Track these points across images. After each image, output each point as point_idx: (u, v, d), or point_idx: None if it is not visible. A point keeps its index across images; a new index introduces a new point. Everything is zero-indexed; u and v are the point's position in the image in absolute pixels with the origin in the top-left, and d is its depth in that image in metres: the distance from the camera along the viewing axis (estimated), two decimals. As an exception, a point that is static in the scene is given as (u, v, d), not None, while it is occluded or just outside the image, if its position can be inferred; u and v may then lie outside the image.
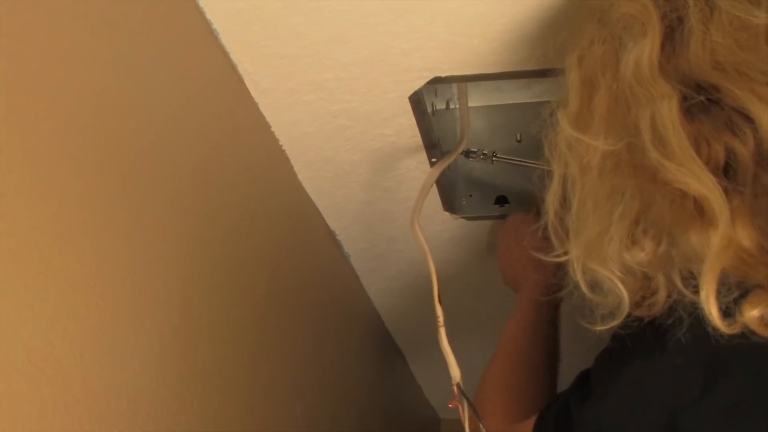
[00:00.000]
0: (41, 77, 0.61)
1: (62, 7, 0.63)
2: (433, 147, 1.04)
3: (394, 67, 0.88)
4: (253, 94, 0.95)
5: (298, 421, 1.16)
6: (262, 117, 0.99)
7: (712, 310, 0.56)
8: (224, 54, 0.87)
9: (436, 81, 0.90)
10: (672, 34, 0.59)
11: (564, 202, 0.69)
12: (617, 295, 0.65)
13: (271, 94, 0.95)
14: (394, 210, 1.21)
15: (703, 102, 0.57)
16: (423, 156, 1.06)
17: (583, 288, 0.67)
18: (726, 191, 0.55)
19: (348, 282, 1.46)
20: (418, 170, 1.10)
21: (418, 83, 0.91)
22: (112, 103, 0.71)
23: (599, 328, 0.67)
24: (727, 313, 0.56)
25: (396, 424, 1.91)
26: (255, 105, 0.96)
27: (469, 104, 1.10)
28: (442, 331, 0.86)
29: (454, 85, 1.11)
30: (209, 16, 0.83)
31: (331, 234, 1.30)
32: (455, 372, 0.85)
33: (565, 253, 0.68)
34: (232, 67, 0.90)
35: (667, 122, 0.57)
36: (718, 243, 0.55)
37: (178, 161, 0.82)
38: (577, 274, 0.67)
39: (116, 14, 0.71)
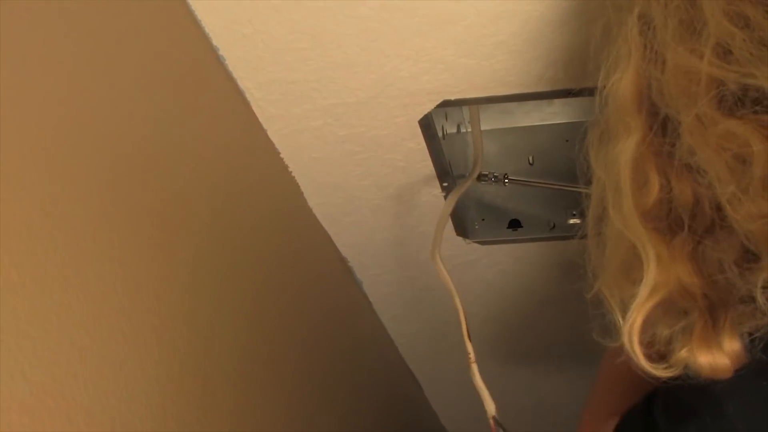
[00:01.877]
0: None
1: (65, 35, 0.63)
2: (444, 171, 1.03)
3: (403, 91, 0.88)
4: (261, 120, 0.94)
5: (311, 452, 1.14)
6: (270, 143, 0.98)
7: (635, 346, 0.57)
8: (231, 80, 0.87)
9: (445, 104, 0.89)
10: (648, 61, 0.58)
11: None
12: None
13: (278, 121, 0.94)
14: (405, 236, 1.20)
15: (673, 141, 0.57)
16: (434, 181, 1.05)
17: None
18: (681, 232, 0.56)
19: (361, 309, 1.44)
20: (429, 195, 1.09)
21: (428, 107, 0.90)
22: (119, 134, 0.70)
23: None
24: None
25: (412, 452, 1.88)
26: (263, 131, 0.96)
27: (481, 127, 1.09)
28: (474, 368, 0.87)
29: (465, 109, 1.10)
30: (216, 42, 0.83)
31: (342, 260, 1.29)
32: (490, 406, 0.85)
33: None
34: (239, 94, 0.89)
35: (622, 163, 0.58)
36: (644, 288, 0.57)
37: (186, 189, 0.81)
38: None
39: (120, 40, 0.70)
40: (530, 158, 1.15)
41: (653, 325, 0.58)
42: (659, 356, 0.58)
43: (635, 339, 0.57)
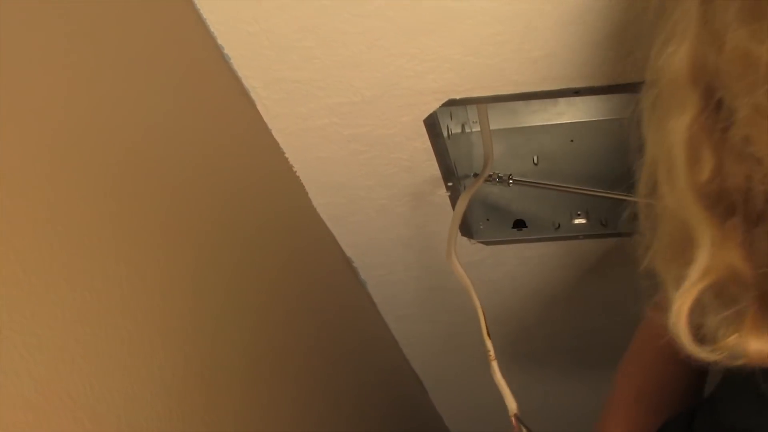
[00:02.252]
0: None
1: (70, 34, 0.63)
2: (448, 171, 1.03)
3: (408, 90, 0.87)
4: (266, 119, 0.94)
5: (316, 452, 1.14)
6: (275, 142, 0.98)
7: (681, 327, 0.56)
8: (236, 79, 0.87)
9: (450, 103, 0.89)
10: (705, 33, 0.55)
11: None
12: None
13: (283, 119, 0.94)
14: (410, 235, 1.20)
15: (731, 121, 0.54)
16: (439, 180, 1.05)
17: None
18: (733, 215, 0.54)
19: (365, 309, 1.44)
20: (434, 195, 1.09)
21: (433, 106, 0.90)
22: (123, 132, 0.70)
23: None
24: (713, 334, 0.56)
25: (416, 454, 1.88)
26: (268, 130, 0.96)
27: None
28: (495, 365, 0.87)
29: (470, 108, 1.10)
30: (221, 41, 0.82)
31: (347, 261, 1.28)
32: (512, 404, 0.85)
33: None
34: (244, 92, 0.89)
35: (677, 139, 0.55)
36: (695, 270, 0.55)
37: (190, 188, 0.81)
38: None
39: (125, 39, 0.70)
40: (535, 158, 1.15)
41: (702, 308, 0.56)
42: (703, 339, 0.57)
43: (683, 320, 0.56)
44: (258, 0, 0.78)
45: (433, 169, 1.03)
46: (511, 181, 1.10)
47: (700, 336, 0.57)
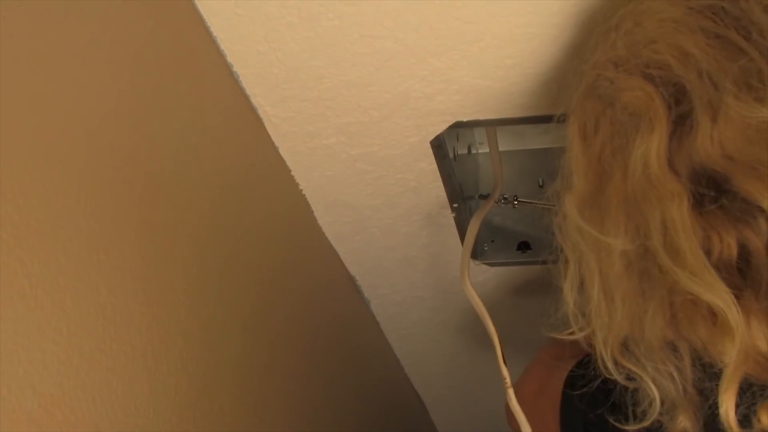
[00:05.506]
0: (61, 119, 0.61)
1: (77, 50, 0.63)
2: (454, 192, 1.03)
3: (416, 111, 0.88)
4: (273, 137, 0.94)
5: (316, 471, 1.13)
6: (282, 161, 0.98)
7: (732, 424, 0.54)
8: (244, 97, 0.87)
9: (458, 125, 0.89)
10: (679, 127, 0.56)
11: (582, 287, 0.66)
12: (650, 396, 0.62)
13: (291, 138, 0.94)
14: (414, 255, 1.20)
15: (714, 194, 0.55)
16: (444, 201, 1.05)
17: (620, 380, 0.64)
18: (740, 290, 0.53)
19: (367, 328, 1.44)
20: (440, 215, 1.09)
21: (440, 127, 0.90)
22: (132, 149, 0.71)
23: (629, 427, 0.64)
24: (744, 422, 0.54)
25: (416, 474, 1.87)
26: (275, 149, 0.96)
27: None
28: (511, 392, 0.86)
29: (477, 130, 1.10)
30: (230, 59, 0.83)
31: (350, 279, 1.28)
32: (528, 431, 0.84)
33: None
34: (253, 110, 0.89)
35: (678, 226, 0.54)
36: (736, 356, 0.53)
37: (196, 204, 0.81)
38: (611, 369, 0.64)
39: (134, 55, 0.71)
40: (540, 180, 1.15)
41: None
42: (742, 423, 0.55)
43: (732, 414, 0.54)
44: (269, 19, 0.78)
45: (439, 190, 1.03)
46: (516, 202, 1.10)
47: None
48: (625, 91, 0.59)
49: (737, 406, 0.54)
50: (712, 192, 0.55)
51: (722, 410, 0.54)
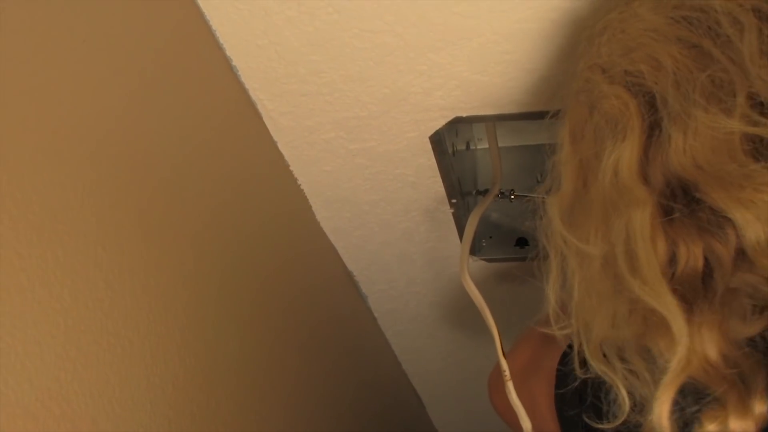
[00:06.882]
0: (59, 117, 0.61)
1: (75, 43, 0.63)
2: (452, 188, 1.03)
3: (415, 106, 0.88)
4: (272, 132, 0.94)
5: (313, 466, 1.13)
6: (280, 155, 0.98)
7: (665, 429, 0.55)
8: (243, 91, 0.87)
9: (457, 121, 0.89)
10: (654, 136, 0.57)
11: (565, 286, 0.67)
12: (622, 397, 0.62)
13: (290, 133, 0.94)
14: (413, 251, 1.20)
15: (685, 204, 0.55)
16: (443, 197, 1.05)
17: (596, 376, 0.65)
18: (698, 300, 0.54)
19: (365, 323, 1.44)
20: (438, 211, 1.09)
21: (439, 123, 0.90)
22: (130, 143, 0.70)
23: (602, 426, 0.64)
24: (685, 428, 0.55)
25: (412, 470, 1.87)
26: (274, 143, 0.96)
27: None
28: (510, 386, 0.85)
29: (475, 126, 1.10)
30: (229, 53, 0.83)
31: (348, 275, 1.28)
32: (527, 424, 0.84)
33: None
34: (251, 105, 0.89)
35: (638, 234, 0.55)
36: (675, 364, 0.54)
37: (194, 198, 0.81)
38: (590, 367, 0.64)
39: (132, 49, 0.71)
40: (539, 176, 1.15)
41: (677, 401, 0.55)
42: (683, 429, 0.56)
43: (665, 417, 0.55)
44: (268, 13, 0.78)
45: (438, 185, 1.03)
46: (512, 196, 1.10)
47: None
48: (604, 99, 0.60)
49: (683, 410, 0.55)
50: (683, 201, 0.55)
51: (654, 415, 0.55)
